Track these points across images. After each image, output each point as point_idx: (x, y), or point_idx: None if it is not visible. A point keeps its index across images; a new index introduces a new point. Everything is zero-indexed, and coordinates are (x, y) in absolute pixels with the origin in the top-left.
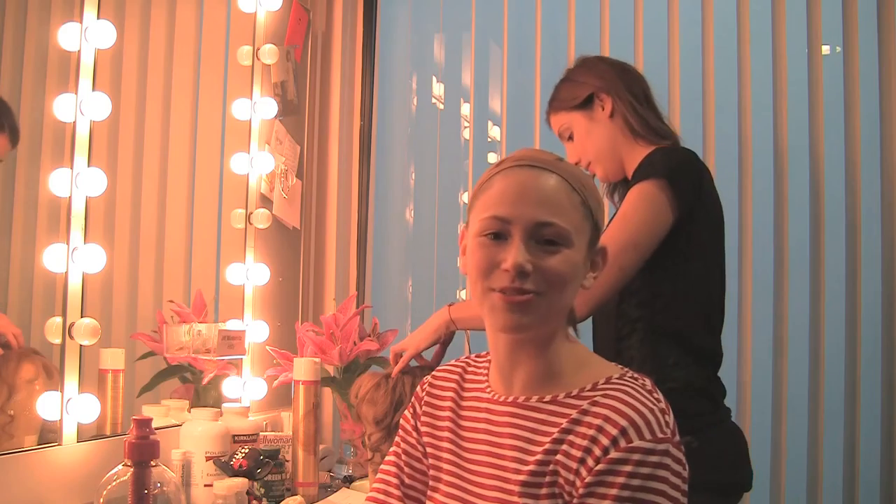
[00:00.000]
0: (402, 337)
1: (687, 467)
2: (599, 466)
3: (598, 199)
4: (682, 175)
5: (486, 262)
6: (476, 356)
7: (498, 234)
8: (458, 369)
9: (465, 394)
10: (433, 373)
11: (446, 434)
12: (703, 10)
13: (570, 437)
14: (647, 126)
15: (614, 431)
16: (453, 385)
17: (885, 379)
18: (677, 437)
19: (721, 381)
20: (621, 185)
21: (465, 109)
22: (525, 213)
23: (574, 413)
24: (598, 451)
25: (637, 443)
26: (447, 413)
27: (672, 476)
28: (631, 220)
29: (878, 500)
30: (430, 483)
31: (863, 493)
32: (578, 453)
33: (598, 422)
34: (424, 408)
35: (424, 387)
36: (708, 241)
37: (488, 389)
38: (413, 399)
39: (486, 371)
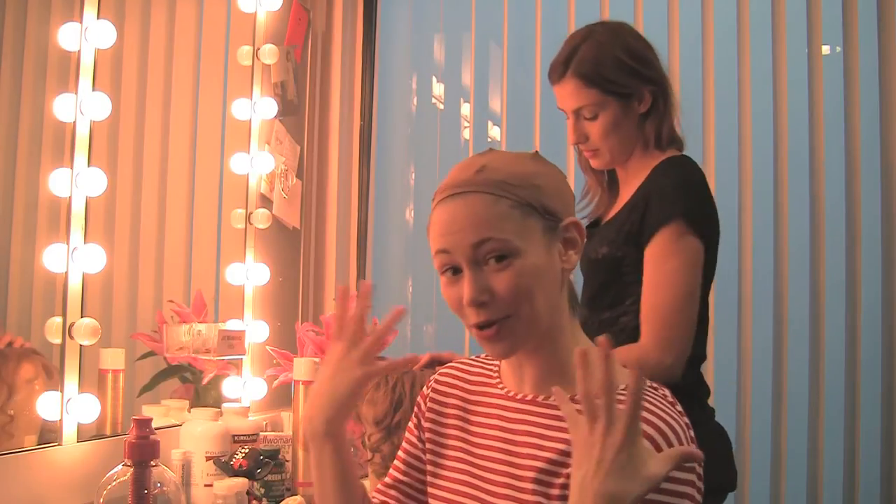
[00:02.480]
0: (402, 337)
1: (701, 476)
2: None
3: (535, 185)
4: (704, 206)
5: (454, 302)
6: (484, 355)
7: (455, 269)
8: (463, 366)
9: (473, 388)
10: (438, 371)
11: (453, 431)
12: (703, 10)
13: None
14: (673, 137)
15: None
16: (458, 382)
17: (885, 380)
18: (701, 453)
19: (705, 381)
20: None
21: (465, 109)
22: (458, 241)
23: None
24: None
25: None
26: (453, 410)
27: (694, 490)
28: (676, 275)
29: (878, 500)
30: (428, 479)
31: (863, 494)
32: None
33: None
34: (429, 404)
35: (430, 384)
36: (708, 252)
37: (500, 386)
38: (419, 398)
39: (495, 367)
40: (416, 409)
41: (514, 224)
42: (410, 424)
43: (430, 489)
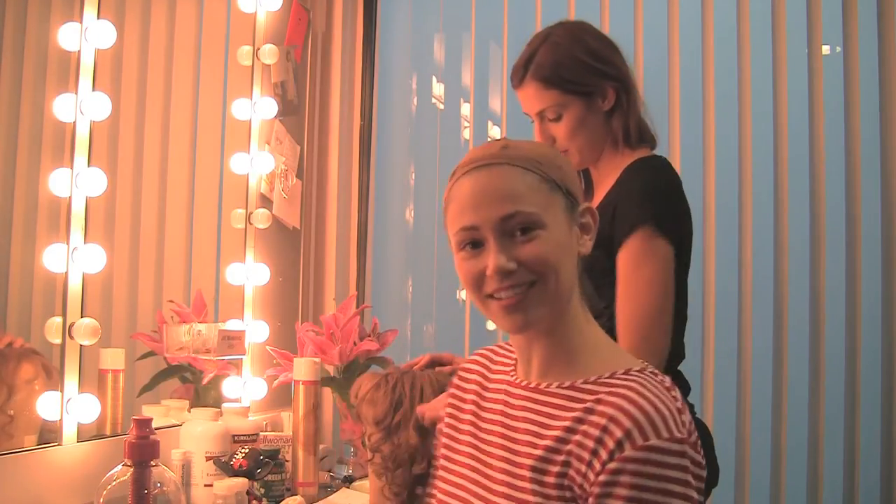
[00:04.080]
0: (402, 337)
1: (704, 464)
2: (613, 465)
3: (558, 165)
4: (674, 208)
5: (473, 274)
6: (508, 342)
7: (475, 243)
8: (487, 353)
9: (492, 376)
10: (469, 357)
11: (468, 417)
12: (703, 11)
13: (584, 427)
14: (641, 134)
15: (627, 424)
16: (479, 369)
17: (885, 380)
18: (694, 437)
19: (684, 378)
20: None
21: (465, 109)
22: (486, 214)
23: (589, 401)
24: (611, 444)
25: (653, 441)
26: (471, 396)
27: (691, 477)
28: (649, 283)
29: (878, 500)
30: (440, 462)
31: (863, 494)
32: (591, 444)
33: (611, 411)
34: (453, 390)
35: (459, 373)
36: (681, 252)
37: (512, 373)
38: (449, 386)
39: (515, 355)
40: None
41: (542, 198)
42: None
43: (439, 472)
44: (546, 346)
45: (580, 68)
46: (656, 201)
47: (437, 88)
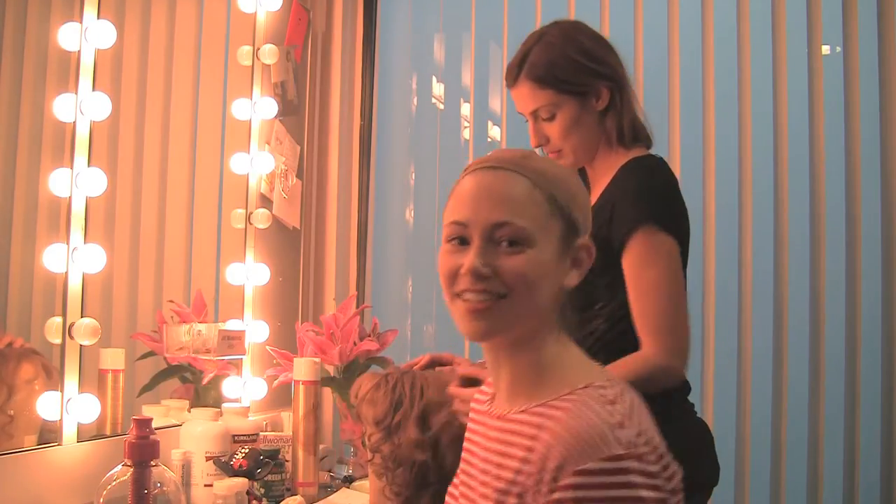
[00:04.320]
0: (402, 337)
1: (671, 475)
2: (555, 496)
3: (570, 192)
4: (671, 207)
5: (449, 269)
6: None
7: (462, 240)
8: (479, 389)
9: (476, 406)
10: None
11: (465, 455)
12: (703, 11)
13: (531, 456)
14: (635, 134)
15: (561, 451)
16: (475, 404)
17: (885, 380)
18: (642, 449)
19: (684, 377)
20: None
21: (465, 109)
22: (480, 216)
23: (535, 427)
24: (548, 474)
25: (588, 465)
26: (467, 433)
27: (645, 491)
28: (662, 281)
29: (878, 500)
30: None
31: (862, 493)
32: (535, 473)
33: (548, 438)
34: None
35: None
36: (680, 250)
37: (487, 404)
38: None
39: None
40: None
41: (541, 217)
42: None
43: None
44: (512, 369)
45: (574, 68)
46: (653, 200)
47: (437, 88)
